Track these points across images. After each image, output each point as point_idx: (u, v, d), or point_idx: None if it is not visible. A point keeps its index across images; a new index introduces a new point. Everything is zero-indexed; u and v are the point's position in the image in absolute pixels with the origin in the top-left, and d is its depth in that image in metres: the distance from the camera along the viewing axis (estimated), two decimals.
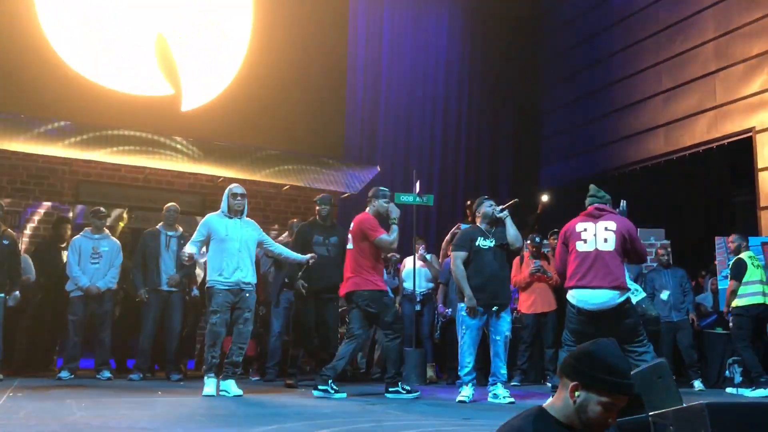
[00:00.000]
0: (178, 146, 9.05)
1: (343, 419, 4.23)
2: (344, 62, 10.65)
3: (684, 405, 3.11)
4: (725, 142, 9.43)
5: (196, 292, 7.36)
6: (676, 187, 9.43)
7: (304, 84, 10.09)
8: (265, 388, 6.17)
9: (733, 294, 6.96)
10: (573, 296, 4.87)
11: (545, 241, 8.34)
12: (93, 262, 6.88)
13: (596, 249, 4.85)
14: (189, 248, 5.61)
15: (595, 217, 4.99)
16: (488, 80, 11.90)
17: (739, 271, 6.99)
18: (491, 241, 5.63)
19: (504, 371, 5.54)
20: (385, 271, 7.65)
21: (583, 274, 4.81)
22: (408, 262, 7.82)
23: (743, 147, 9.15)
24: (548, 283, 7.42)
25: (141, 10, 9.23)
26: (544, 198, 10.99)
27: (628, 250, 4.88)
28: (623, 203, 5.90)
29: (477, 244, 5.63)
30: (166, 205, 7.19)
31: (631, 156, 10.90)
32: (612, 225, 4.91)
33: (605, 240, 4.86)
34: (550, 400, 2.16)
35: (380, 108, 10.94)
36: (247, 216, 5.82)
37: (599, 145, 11.44)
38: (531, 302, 7.42)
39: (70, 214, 8.63)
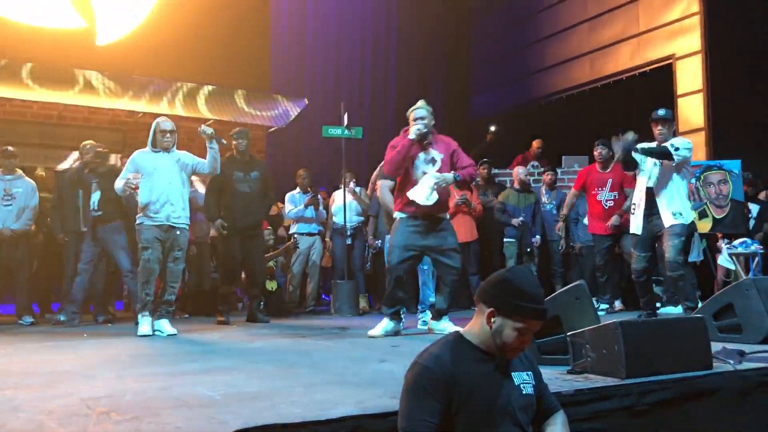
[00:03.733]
0: (93, 81, 8.58)
1: (274, 355, 4.25)
2: None
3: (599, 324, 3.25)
4: (647, 69, 9.63)
5: None
6: (601, 115, 9.61)
7: (226, 14, 9.67)
8: (197, 326, 6.13)
9: None
10: None
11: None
12: (5, 204, 6.56)
13: None
14: (117, 183, 5.42)
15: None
16: (417, 8, 11.67)
17: None
18: None
19: (432, 299, 5.64)
20: (312, 207, 7.66)
21: None
22: (338, 196, 7.77)
23: (664, 74, 9.37)
24: (471, 215, 7.49)
25: None
26: (492, 128, 11.02)
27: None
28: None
29: None
30: (83, 143, 6.86)
31: (558, 84, 11.03)
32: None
33: None
34: (467, 325, 2.20)
35: (307, 38, 10.63)
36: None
37: (527, 74, 11.52)
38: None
39: None
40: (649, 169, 5.39)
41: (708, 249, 7.81)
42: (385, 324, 5.01)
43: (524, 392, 2.16)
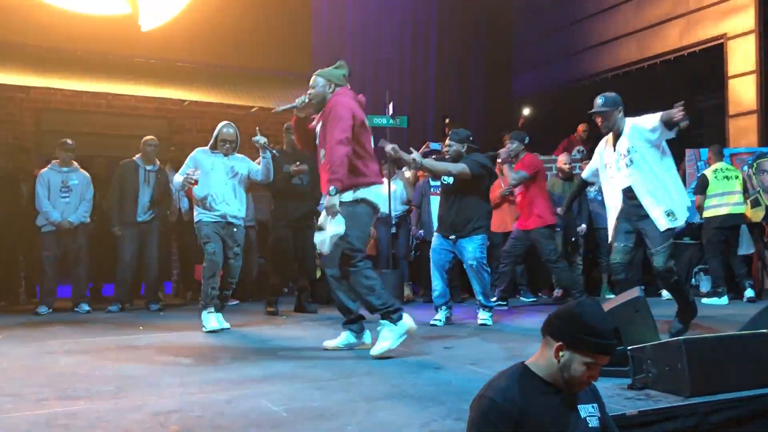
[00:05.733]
0: (140, 69, 8.68)
1: (330, 359, 4.32)
2: None
3: (662, 340, 3.23)
4: (696, 49, 9.36)
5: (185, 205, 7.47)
6: (647, 96, 9.39)
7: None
8: (248, 317, 6.26)
9: (700, 208, 7.26)
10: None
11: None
12: (63, 196, 6.74)
13: None
14: (177, 178, 5.55)
15: None
16: None
17: (701, 186, 7.32)
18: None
19: (480, 297, 5.65)
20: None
21: None
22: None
23: (715, 54, 9.10)
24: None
25: None
26: (526, 111, 10.87)
27: None
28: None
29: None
30: (145, 139, 7.01)
31: (603, 64, 10.79)
32: None
33: None
34: (533, 357, 2.21)
35: (347, 22, 10.55)
36: None
37: (571, 53, 11.29)
38: (500, 221, 7.50)
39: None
40: (614, 173, 4.72)
41: (760, 239, 7.65)
42: (344, 337, 4.47)
43: (590, 425, 2.17)
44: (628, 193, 4.68)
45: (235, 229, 5.60)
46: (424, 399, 3.08)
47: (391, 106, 7.46)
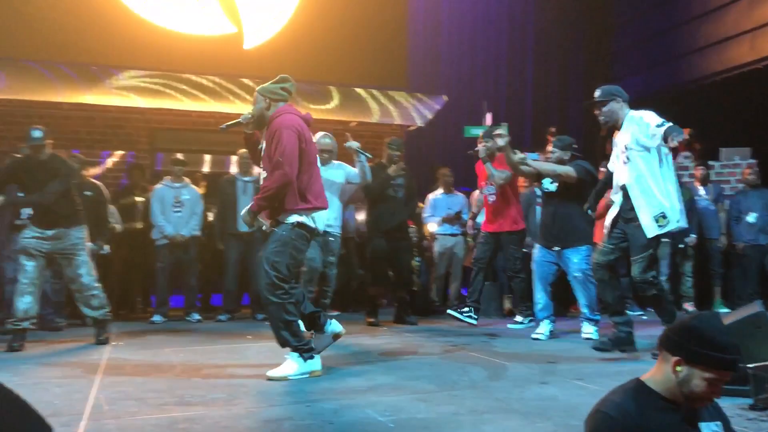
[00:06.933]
0: (244, 87, 9.06)
1: (432, 370, 4.33)
2: None
3: None
4: None
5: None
6: (763, 100, 8.87)
7: (364, 13, 9.85)
8: (349, 328, 6.35)
9: None
10: None
11: None
12: (175, 210, 7.11)
13: None
14: None
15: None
16: None
17: None
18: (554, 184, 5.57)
19: (585, 310, 5.51)
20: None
21: None
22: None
23: None
24: None
25: None
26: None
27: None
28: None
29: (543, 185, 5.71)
30: (240, 151, 7.30)
31: (711, 66, 10.29)
32: None
33: None
34: (649, 372, 2.14)
35: (442, 33, 10.60)
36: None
37: (676, 56, 10.83)
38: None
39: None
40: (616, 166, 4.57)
41: None
42: (296, 367, 4.00)
43: None
44: (624, 191, 4.48)
45: (330, 239, 5.73)
46: (530, 414, 3.04)
47: (489, 115, 7.42)
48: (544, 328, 5.57)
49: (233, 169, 7.87)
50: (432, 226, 7.86)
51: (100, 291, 5.49)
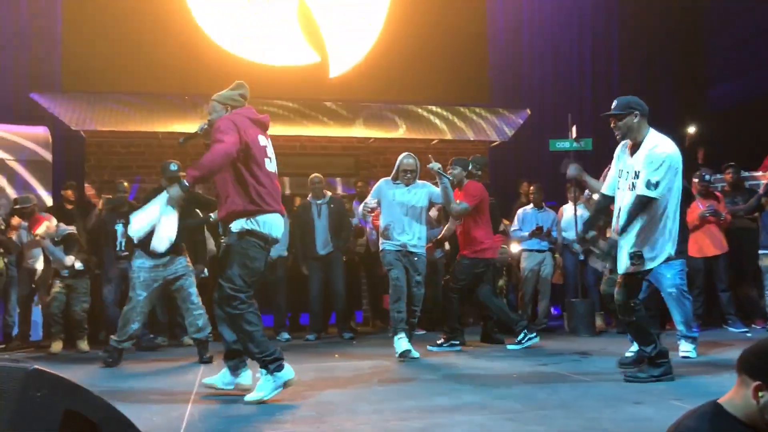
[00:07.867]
0: (328, 112, 9.27)
1: (521, 390, 4.25)
2: (483, 5, 10.31)
3: None
4: None
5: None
6: None
7: (445, 33, 9.91)
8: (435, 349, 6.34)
9: None
10: None
11: (718, 175, 7.73)
12: None
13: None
14: (360, 208, 6.00)
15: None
16: (640, 0, 10.97)
17: None
18: None
19: (681, 327, 5.27)
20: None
21: None
22: (567, 210, 7.57)
23: None
24: (719, 225, 6.94)
25: None
26: (691, 129, 10.11)
27: None
28: None
29: None
30: (310, 177, 7.47)
31: None
32: None
33: None
34: (727, 395, 2.01)
35: (523, 47, 10.49)
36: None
37: None
38: (699, 245, 6.96)
39: None
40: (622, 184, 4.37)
41: None
42: (268, 386, 3.95)
43: None
44: (622, 213, 4.28)
45: (416, 258, 5.79)
46: None
47: (574, 128, 7.27)
48: (687, 346, 5.32)
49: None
50: (515, 246, 7.74)
51: (204, 312, 5.73)
